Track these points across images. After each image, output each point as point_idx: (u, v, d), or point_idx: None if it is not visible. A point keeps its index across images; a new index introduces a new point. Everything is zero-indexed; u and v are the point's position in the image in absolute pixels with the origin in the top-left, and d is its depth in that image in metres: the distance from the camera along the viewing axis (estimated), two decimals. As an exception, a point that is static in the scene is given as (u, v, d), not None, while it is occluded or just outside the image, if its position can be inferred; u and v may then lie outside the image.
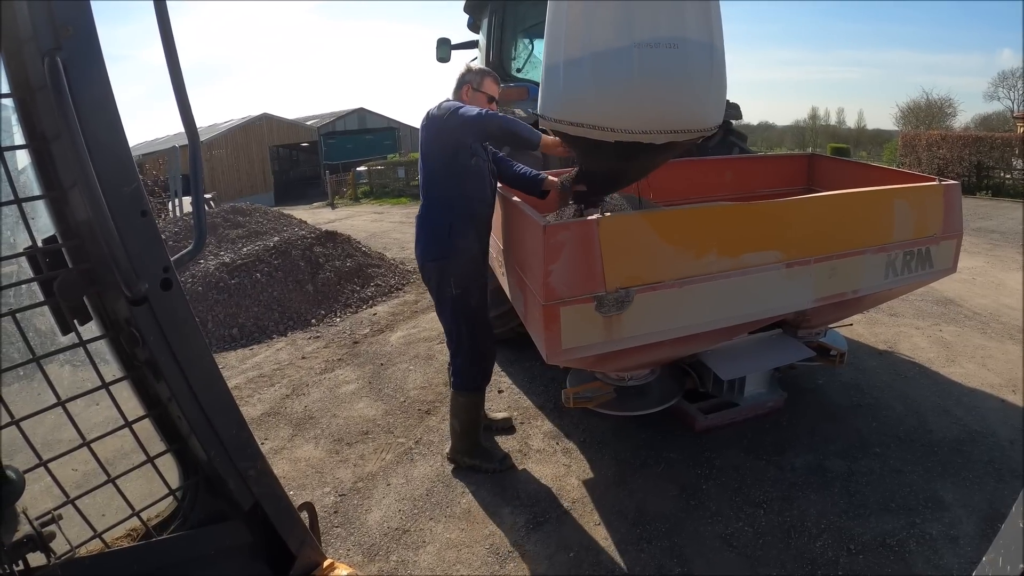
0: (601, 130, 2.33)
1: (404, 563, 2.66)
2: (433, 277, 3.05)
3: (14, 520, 0.94)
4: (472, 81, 3.12)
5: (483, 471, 3.24)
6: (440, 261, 2.99)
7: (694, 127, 2.38)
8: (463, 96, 3.11)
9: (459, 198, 2.96)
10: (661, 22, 2.20)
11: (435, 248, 3.00)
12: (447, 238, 2.95)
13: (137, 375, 1.18)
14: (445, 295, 3.04)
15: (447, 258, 2.97)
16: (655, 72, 2.22)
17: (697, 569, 2.52)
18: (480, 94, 3.12)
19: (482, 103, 3.09)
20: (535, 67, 5.44)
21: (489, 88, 3.16)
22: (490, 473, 3.23)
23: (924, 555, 2.51)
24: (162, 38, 1.09)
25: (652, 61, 2.20)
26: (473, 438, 3.29)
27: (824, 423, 3.51)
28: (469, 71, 3.16)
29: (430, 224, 3.02)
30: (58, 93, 0.93)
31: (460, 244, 2.96)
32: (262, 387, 4.60)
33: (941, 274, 3.14)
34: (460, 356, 3.15)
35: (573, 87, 2.36)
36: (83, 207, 1.02)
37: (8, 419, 0.99)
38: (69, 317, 1.08)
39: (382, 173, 23.82)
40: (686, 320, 2.54)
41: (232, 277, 6.38)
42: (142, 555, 1.18)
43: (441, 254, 2.98)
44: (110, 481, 1.13)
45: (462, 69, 3.20)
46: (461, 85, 3.12)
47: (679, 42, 2.22)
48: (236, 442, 1.22)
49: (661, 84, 2.24)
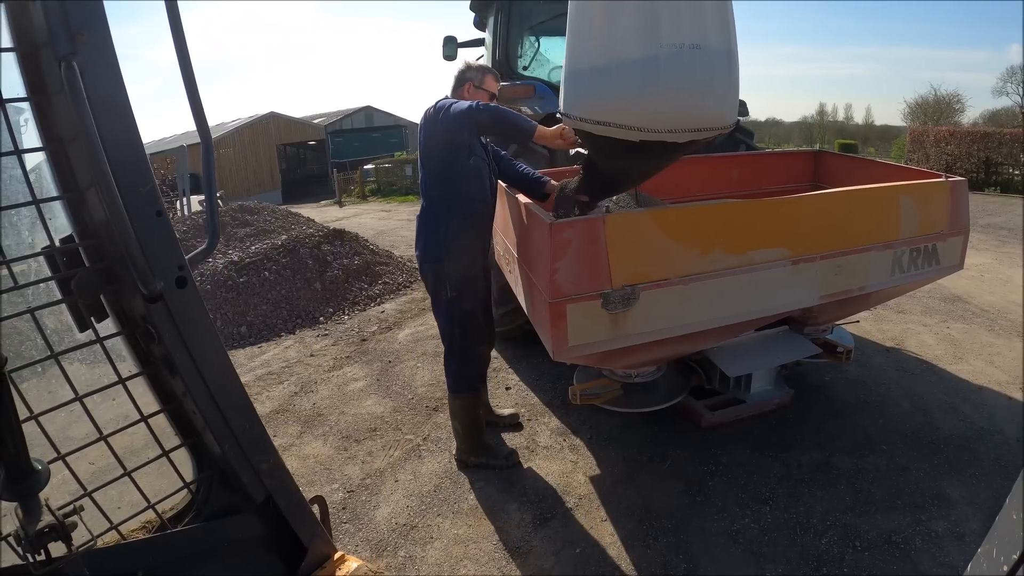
0: (627, 129, 2.34)
1: (412, 559, 2.69)
2: (430, 278, 3.06)
3: (37, 511, 0.96)
4: (473, 79, 3.07)
5: (491, 468, 3.27)
6: (437, 263, 2.98)
7: (715, 125, 2.40)
8: (464, 94, 3.06)
9: (458, 198, 2.94)
10: (685, 25, 2.23)
11: (433, 249, 2.99)
12: (444, 240, 2.94)
13: (152, 371, 1.21)
14: (441, 297, 3.04)
15: (444, 260, 2.96)
16: (681, 73, 2.24)
17: (703, 565, 2.53)
18: (481, 92, 3.08)
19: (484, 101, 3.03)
20: (541, 65, 5.44)
21: (490, 85, 3.11)
22: (498, 469, 3.25)
23: (930, 552, 2.51)
24: (174, 39, 1.11)
25: (678, 63, 2.22)
26: (476, 437, 3.31)
27: (830, 420, 3.52)
28: (469, 68, 3.12)
29: (429, 225, 3.01)
30: (75, 96, 0.95)
31: (457, 246, 2.94)
32: (271, 384, 4.64)
33: (948, 271, 3.14)
34: (453, 359, 3.17)
35: (600, 88, 2.35)
36: (100, 207, 1.05)
37: (28, 414, 1.02)
38: (86, 314, 1.10)
39: (389, 171, 23.90)
40: (692, 317, 2.55)
41: (241, 275, 6.42)
42: (157, 546, 1.21)
43: (438, 256, 2.97)
44: (126, 474, 1.15)
45: (461, 66, 3.15)
46: (462, 83, 3.08)
47: (702, 43, 2.24)
48: (249, 436, 1.25)
49: (686, 85, 2.26)
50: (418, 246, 3.10)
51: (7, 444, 0.93)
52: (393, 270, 7.46)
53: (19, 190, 1.03)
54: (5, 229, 1.05)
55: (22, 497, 0.98)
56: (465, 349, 3.12)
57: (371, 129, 39.33)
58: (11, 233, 1.08)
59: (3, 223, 1.04)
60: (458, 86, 3.08)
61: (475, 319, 3.11)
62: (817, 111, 50.83)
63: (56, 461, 1.07)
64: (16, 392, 0.96)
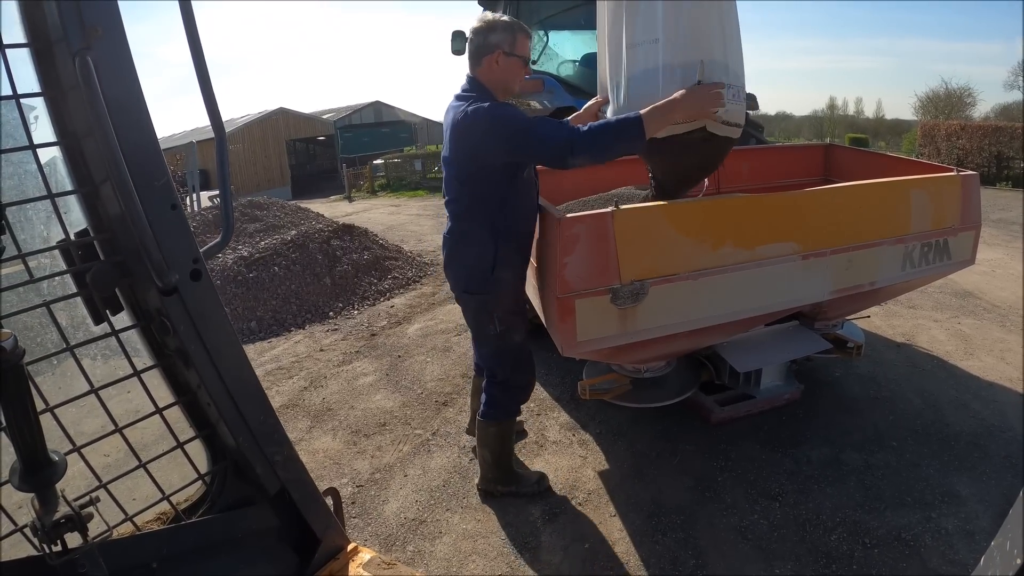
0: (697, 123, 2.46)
1: (420, 553, 2.70)
2: (471, 309, 2.70)
3: (54, 501, 0.97)
4: (502, 44, 2.40)
5: (522, 496, 2.99)
6: (480, 296, 2.60)
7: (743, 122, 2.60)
8: (491, 69, 2.44)
9: (506, 220, 2.47)
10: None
11: (475, 280, 2.56)
12: (490, 271, 2.49)
13: (167, 363, 1.22)
14: (486, 332, 2.68)
15: (489, 293, 2.56)
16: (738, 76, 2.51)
17: (712, 561, 2.53)
18: (514, 59, 2.45)
19: (517, 73, 2.50)
20: (550, 59, 5.42)
21: (523, 48, 2.46)
22: (529, 497, 2.99)
23: (939, 550, 2.50)
24: (188, 37, 1.11)
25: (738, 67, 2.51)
26: (506, 467, 3.00)
27: (841, 416, 3.50)
28: (493, 29, 2.41)
29: (469, 251, 2.55)
30: (90, 91, 0.96)
31: (506, 276, 2.54)
32: (280, 379, 4.67)
33: (959, 266, 3.12)
34: (494, 386, 2.83)
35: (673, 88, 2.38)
36: (114, 201, 1.06)
37: (44, 406, 1.03)
38: (101, 308, 1.11)
39: (399, 166, 23.94)
40: (702, 312, 2.55)
41: (250, 271, 6.46)
42: (172, 537, 1.22)
43: (481, 288, 2.57)
44: (141, 466, 1.17)
45: (478, 24, 2.44)
46: (486, 51, 2.42)
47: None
48: (264, 428, 1.26)
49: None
50: (450, 269, 2.68)
51: (25, 436, 0.94)
52: (403, 265, 7.48)
53: (34, 184, 1.04)
54: (21, 223, 1.06)
55: (39, 488, 0.99)
56: (508, 379, 2.80)
57: (380, 124, 39.45)
58: (27, 227, 1.10)
59: (19, 217, 1.05)
60: (479, 55, 2.45)
61: (523, 349, 2.79)
62: (827, 105, 50.43)
63: (72, 453, 1.09)
64: (33, 385, 0.98)
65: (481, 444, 2.96)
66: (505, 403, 2.85)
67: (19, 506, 1.09)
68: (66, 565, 1.00)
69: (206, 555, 1.28)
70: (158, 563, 1.20)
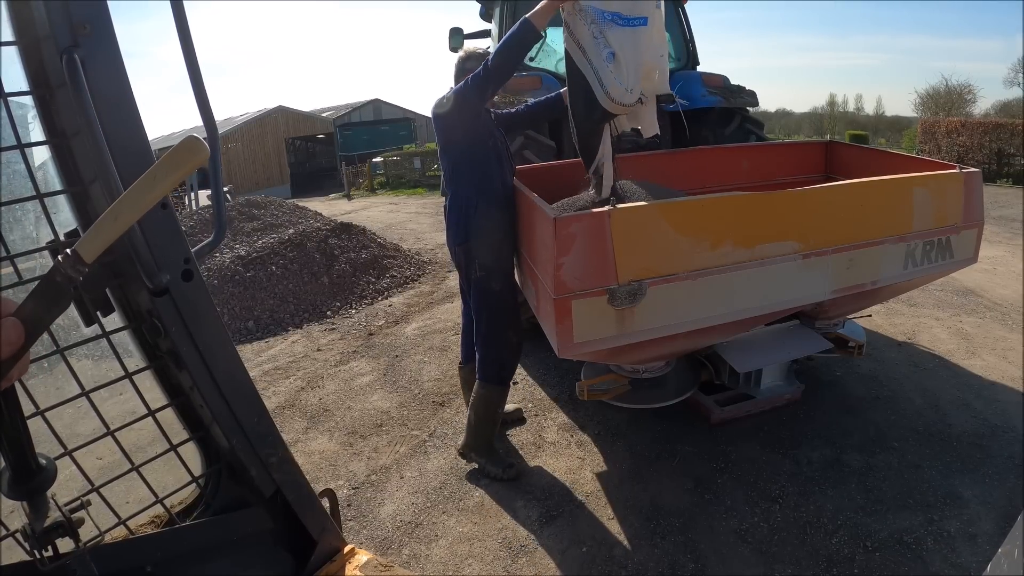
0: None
1: (417, 556, 2.68)
2: (462, 260, 3.08)
3: (44, 507, 0.96)
4: (474, 68, 2.90)
5: (488, 475, 3.20)
6: (466, 243, 3.00)
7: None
8: None
9: (482, 180, 2.96)
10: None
11: (462, 231, 3.01)
12: (472, 218, 2.96)
13: (159, 365, 1.20)
14: (471, 277, 3.06)
15: (472, 238, 2.98)
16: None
17: (711, 565, 2.52)
18: None
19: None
20: (548, 56, 5.39)
21: None
22: (493, 478, 3.17)
23: (941, 553, 2.49)
24: (180, 36, 1.10)
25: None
26: (486, 436, 3.24)
27: (842, 416, 3.49)
28: (469, 57, 3.07)
29: (457, 210, 3.02)
30: (77, 90, 0.94)
31: (484, 224, 2.95)
32: (277, 380, 4.65)
33: (961, 264, 3.09)
34: (481, 344, 3.13)
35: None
36: (104, 201, 1.04)
37: (34, 409, 1.01)
38: (92, 309, 1.09)
39: (398, 164, 23.92)
40: (701, 312, 2.52)
41: (247, 270, 6.44)
42: (166, 541, 1.20)
43: (466, 236, 2.99)
44: (134, 469, 1.15)
45: (460, 54, 3.11)
46: (463, 73, 2.96)
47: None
48: (258, 430, 1.24)
49: None
50: (448, 234, 3.12)
51: (12, 442, 0.93)
52: (401, 263, 7.47)
53: (23, 184, 1.03)
54: (9, 224, 1.04)
55: (29, 496, 0.97)
56: (491, 334, 3.10)
57: (379, 122, 39.44)
58: (16, 228, 1.08)
59: (7, 218, 1.03)
60: (460, 77, 3.01)
61: (504, 302, 3.09)
62: (828, 102, 50.32)
63: (63, 457, 1.07)
64: (23, 388, 0.96)
65: (470, 406, 3.26)
66: (490, 361, 3.12)
67: (11, 510, 1.07)
68: (58, 570, 0.98)
69: (201, 558, 1.26)
70: (152, 567, 1.18)
